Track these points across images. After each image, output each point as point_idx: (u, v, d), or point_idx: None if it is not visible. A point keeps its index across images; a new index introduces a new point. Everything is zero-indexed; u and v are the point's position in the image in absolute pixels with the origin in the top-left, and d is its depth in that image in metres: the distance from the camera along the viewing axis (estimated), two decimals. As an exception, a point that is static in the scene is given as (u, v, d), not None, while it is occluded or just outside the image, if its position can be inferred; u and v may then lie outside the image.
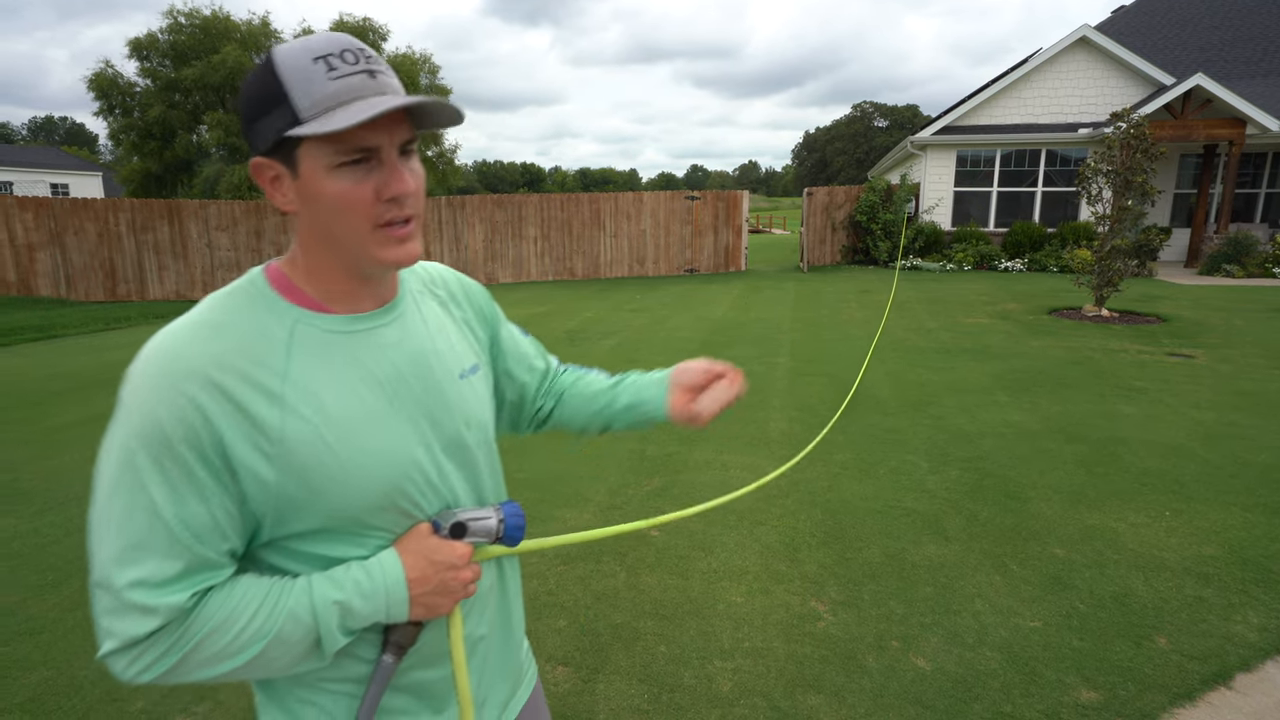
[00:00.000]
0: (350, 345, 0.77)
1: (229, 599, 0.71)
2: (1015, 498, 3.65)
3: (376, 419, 0.77)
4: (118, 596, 0.67)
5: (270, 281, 0.77)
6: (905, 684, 2.29)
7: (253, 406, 0.70)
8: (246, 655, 0.71)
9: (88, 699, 2.30)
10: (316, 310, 0.77)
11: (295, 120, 0.68)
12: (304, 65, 0.69)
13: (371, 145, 0.71)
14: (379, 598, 0.75)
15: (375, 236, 0.74)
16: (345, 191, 0.71)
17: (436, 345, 0.86)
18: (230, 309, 0.75)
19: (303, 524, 0.74)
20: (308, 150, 0.70)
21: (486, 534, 0.84)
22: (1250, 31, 17.02)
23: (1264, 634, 2.50)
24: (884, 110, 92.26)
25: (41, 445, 4.89)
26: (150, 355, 0.71)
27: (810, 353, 7.17)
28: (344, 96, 0.69)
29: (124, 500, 0.68)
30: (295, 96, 0.68)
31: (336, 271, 0.77)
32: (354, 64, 0.70)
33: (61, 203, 13.23)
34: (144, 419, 0.68)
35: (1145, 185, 8.56)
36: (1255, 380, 5.76)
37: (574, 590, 2.89)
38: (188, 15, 23.40)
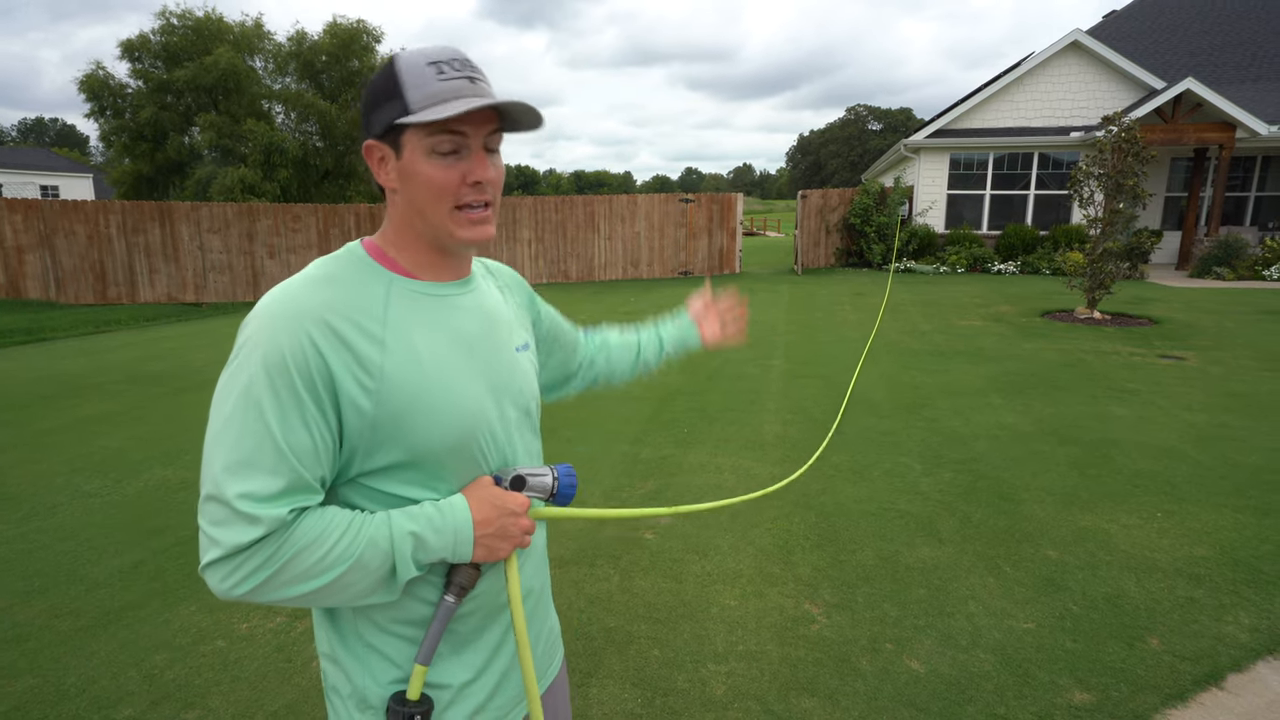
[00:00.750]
0: (435, 307, 0.89)
1: (320, 520, 0.79)
2: (1008, 500, 3.66)
3: (457, 370, 0.88)
4: (228, 506, 0.75)
5: (368, 251, 0.90)
6: (899, 686, 2.28)
7: (359, 346, 0.81)
8: (330, 575, 0.78)
9: (74, 707, 2.27)
10: (407, 276, 0.89)
11: (405, 111, 0.81)
12: (419, 67, 0.82)
13: (463, 133, 0.83)
14: (448, 534, 0.84)
15: (455, 216, 0.86)
16: (437, 174, 0.84)
17: (500, 321, 0.98)
18: (338, 268, 0.86)
19: (388, 458, 0.83)
20: (411, 137, 0.83)
21: (543, 490, 0.92)
22: (1239, 37, 17.17)
23: (1255, 634, 2.51)
24: (878, 113, 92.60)
25: (28, 449, 4.84)
26: (272, 301, 0.81)
27: (804, 355, 7.18)
28: (447, 95, 0.82)
29: (240, 422, 0.77)
30: (408, 91, 0.82)
31: (422, 244, 0.90)
32: (460, 71, 0.84)
33: (51, 205, 13.14)
34: (267, 352, 0.78)
35: (1136, 188, 8.61)
36: (1246, 382, 5.80)
37: (567, 594, 2.88)
38: (180, 16, 23.28)
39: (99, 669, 2.46)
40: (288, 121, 25.09)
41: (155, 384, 6.70)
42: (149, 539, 3.44)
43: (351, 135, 24.47)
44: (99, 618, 2.78)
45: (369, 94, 0.86)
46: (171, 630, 2.68)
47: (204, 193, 21.76)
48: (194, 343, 9.19)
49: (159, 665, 2.47)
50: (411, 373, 0.83)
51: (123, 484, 4.18)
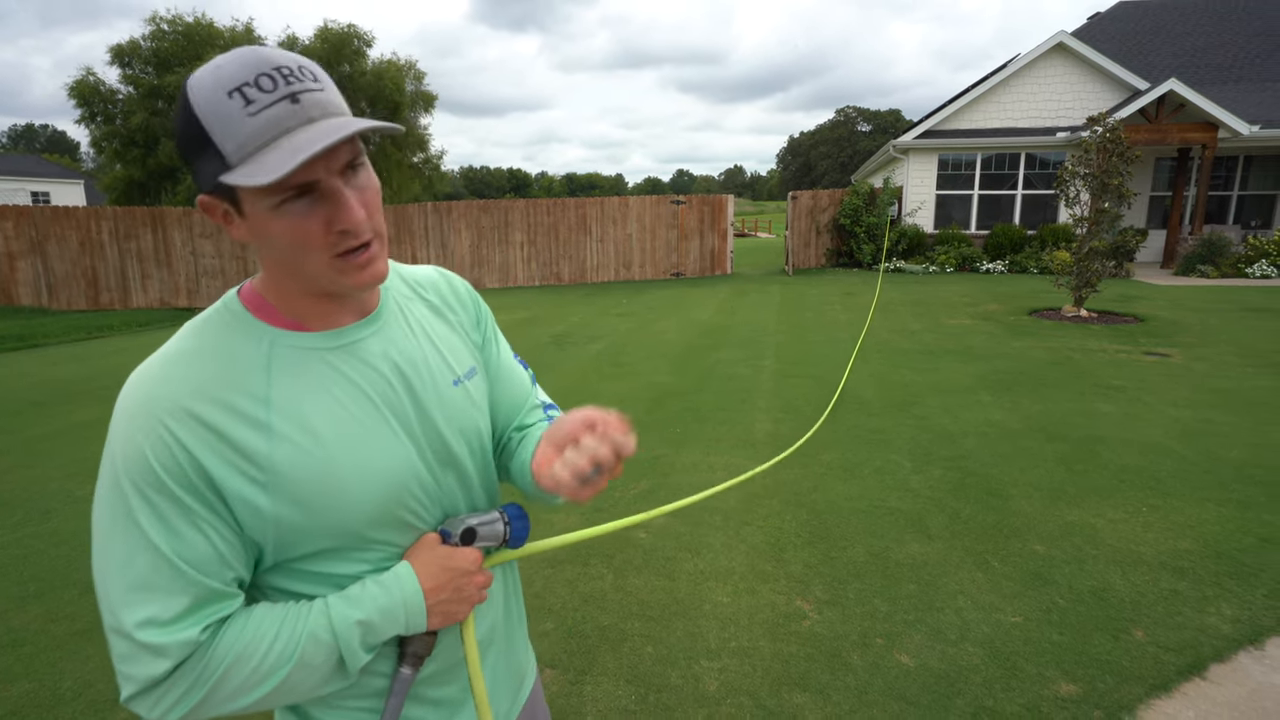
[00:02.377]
0: (332, 361, 0.76)
1: (245, 628, 0.70)
2: (997, 496, 3.71)
3: (368, 434, 0.75)
4: (129, 639, 0.66)
5: (245, 304, 0.76)
6: (889, 680, 2.32)
7: (236, 435, 0.69)
8: (271, 683, 0.70)
9: (70, 711, 2.28)
10: (293, 329, 0.75)
11: (223, 166, 0.65)
12: (219, 102, 0.64)
13: (309, 180, 0.67)
14: (398, 611, 0.75)
15: (336, 265, 0.71)
16: (293, 228, 0.68)
17: (425, 353, 0.84)
18: (205, 335, 0.73)
19: (306, 547, 0.73)
20: (247, 192, 0.67)
21: (494, 538, 0.84)
22: (1221, 38, 17.37)
23: (1237, 625, 2.56)
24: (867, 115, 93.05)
25: (22, 455, 4.83)
26: (128, 392, 0.70)
27: (795, 355, 7.23)
28: (268, 134, 0.65)
29: (121, 542, 0.67)
30: (218, 140, 0.65)
31: (306, 295, 0.75)
32: (272, 90, 0.65)
33: (43, 211, 13.07)
34: (127, 458, 0.67)
35: (1121, 188, 8.71)
36: (1229, 378, 5.88)
37: (561, 593, 2.91)
38: (170, 22, 23.19)
39: (95, 673, 2.47)
40: (279, 126, 24.94)
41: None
42: (144, 544, 3.44)
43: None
44: (94, 622, 2.78)
45: (178, 138, 0.68)
46: (168, 634, 2.69)
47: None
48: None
49: (156, 669, 2.48)
50: (308, 456, 0.71)
51: (116, 490, 4.17)
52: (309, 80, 0.68)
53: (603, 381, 6.40)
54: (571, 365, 7.08)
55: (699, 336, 8.44)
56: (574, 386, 6.23)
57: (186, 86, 0.66)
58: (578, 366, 7.02)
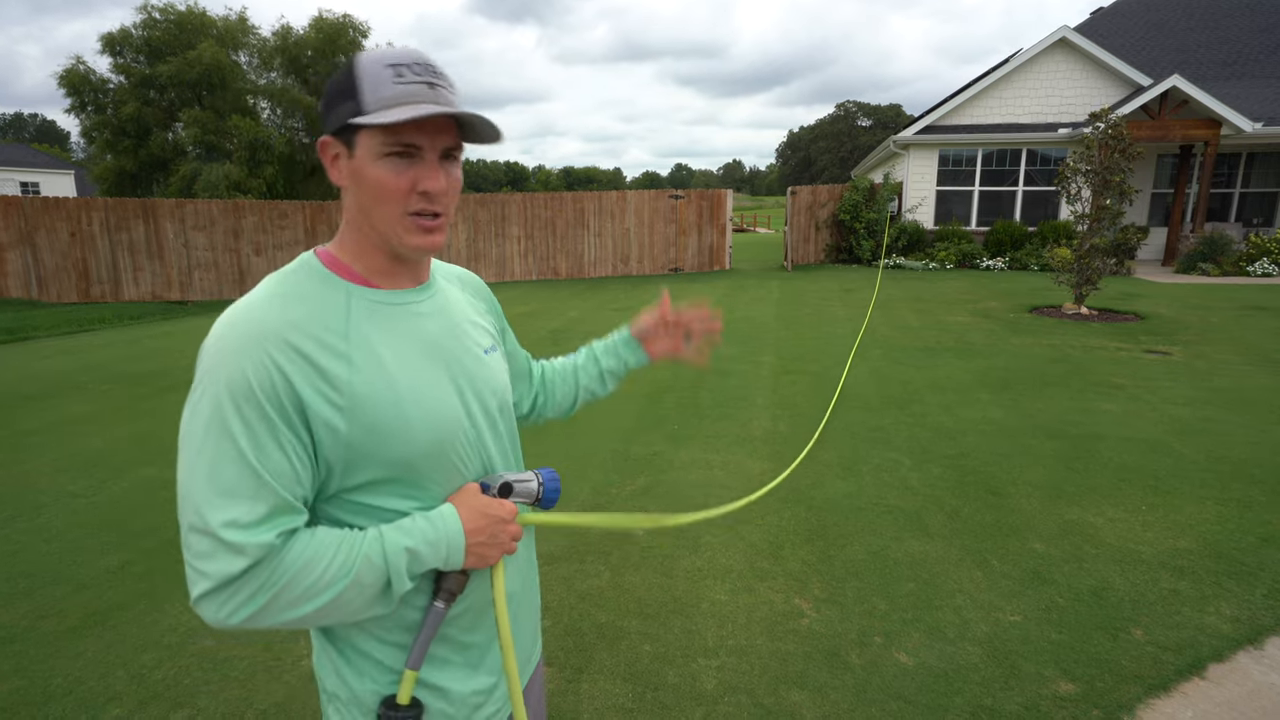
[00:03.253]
0: (396, 315, 0.88)
1: (312, 541, 0.78)
2: (996, 494, 3.69)
3: (427, 378, 0.87)
4: (213, 537, 0.74)
5: (323, 262, 0.88)
6: (887, 679, 2.30)
7: (324, 364, 0.80)
8: (328, 595, 0.78)
9: (61, 708, 2.25)
10: (365, 284, 0.88)
11: (359, 111, 0.81)
12: (377, 69, 0.81)
13: (415, 143, 0.82)
14: (441, 545, 0.84)
15: (404, 222, 0.85)
16: (385, 178, 0.82)
17: (464, 324, 0.97)
18: (294, 283, 0.85)
19: (366, 474, 0.83)
20: (365, 138, 0.82)
21: (528, 496, 0.93)
22: (1225, 34, 17.33)
23: (1236, 625, 2.55)
24: (867, 109, 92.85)
25: (12, 450, 4.79)
26: (231, 322, 0.80)
27: (794, 351, 7.20)
28: (402, 99, 0.80)
29: (213, 450, 0.76)
30: (364, 92, 0.81)
31: (376, 250, 0.88)
32: (419, 75, 0.82)
33: (32, 202, 12.96)
34: (230, 377, 0.76)
35: (1123, 185, 8.68)
36: (1230, 377, 5.87)
37: (558, 590, 2.88)
38: (162, 10, 22.97)
39: (86, 670, 2.44)
40: (273, 117, 24.86)
41: (140, 383, 6.64)
42: (135, 539, 3.41)
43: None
44: (85, 618, 2.75)
45: (328, 91, 0.85)
46: (159, 630, 2.66)
47: (189, 189, 21.49)
48: (179, 341, 9.10)
49: (147, 665, 2.46)
50: (381, 387, 0.83)
51: (108, 484, 4.14)
52: (449, 85, 0.85)
53: (600, 376, 6.36)
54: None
55: (697, 331, 8.40)
56: (571, 381, 6.19)
57: (356, 54, 0.85)
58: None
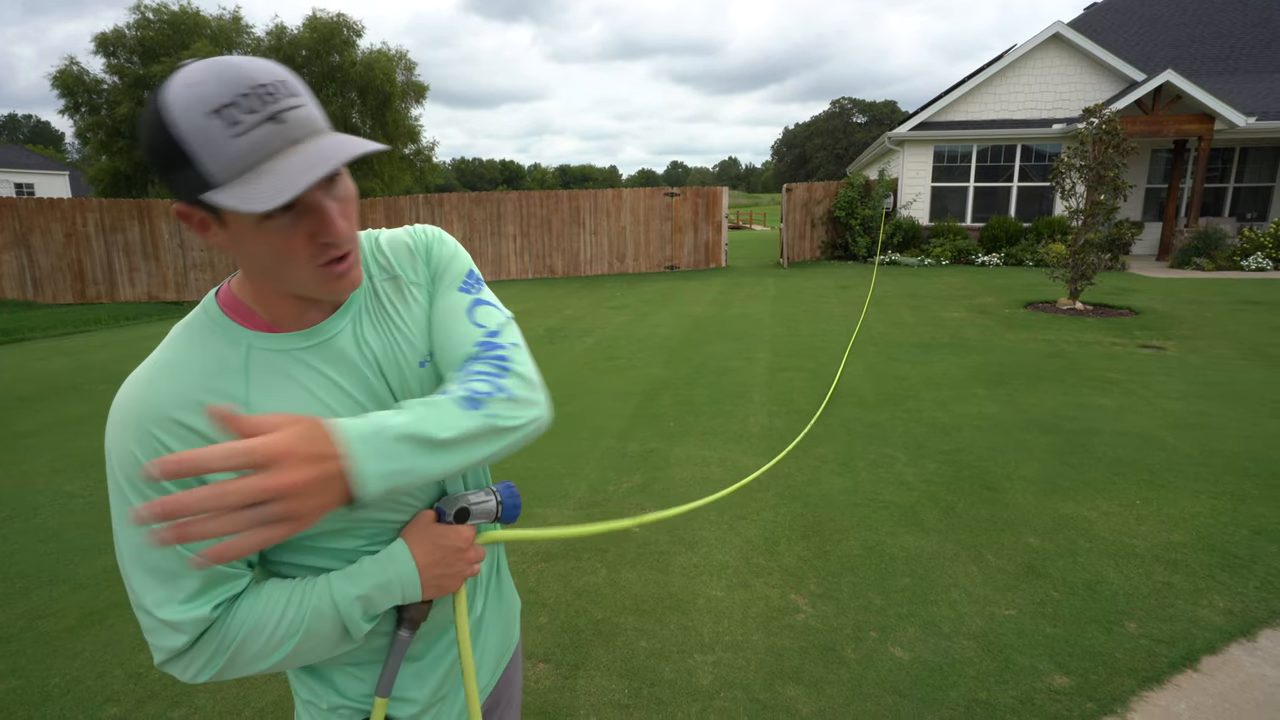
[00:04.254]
0: (306, 360, 0.81)
1: (255, 604, 0.77)
2: (991, 489, 3.71)
3: None
4: (150, 616, 0.74)
5: (223, 307, 0.80)
6: (883, 673, 2.32)
7: (219, 437, 0.71)
8: (285, 650, 0.77)
9: (59, 708, 2.25)
10: (269, 331, 0.80)
11: (207, 183, 0.66)
12: (201, 124, 0.64)
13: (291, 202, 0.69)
14: (394, 586, 0.81)
15: (318, 275, 0.75)
16: (278, 242, 0.71)
17: (394, 338, 0.87)
18: (186, 345, 0.78)
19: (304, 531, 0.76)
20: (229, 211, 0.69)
21: (487, 515, 0.89)
22: (1218, 29, 17.37)
23: (1229, 617, 2.56)
24: (862, 106, 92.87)
25: (8, 451, 4.78)
26: (119, 404, 0.76)
27: (790, 348, 7.21)
28: (254, 156, 0.66)
29: (131, 534, 0.74)
30: (202, 160, 0.65)
31: (282, 298, 0.80)
32: (257, 111, 0.65)
33: (27, 203, 12.92)
34: (123, 459, 0.74)
35: (1117, 180, 8.70)
36: (1224, 371, 5.90)
37: (554, 587, 2.89)
38: (156, 10, 22.90)
39: (83, 669, 2.44)
40: (269, 117, 24.74)
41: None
42: (132, 539, 3.41)
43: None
44: (82, 618, 2.76)
45: (150, 154, 0.68)
46: (156, 630, 2.66)
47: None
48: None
49: (144, 664, 2.46)
50: None
51: (104, 485, 4.11)
52: (288, 96, 0.68)
53: (596, 375, 6.38)
54: (565, 359, 7.05)
55: (693, 330, 8.42)
56: (567, 380, 6.20)
57: (159, 103, 0.65)
58: (571, 360, 6.99)
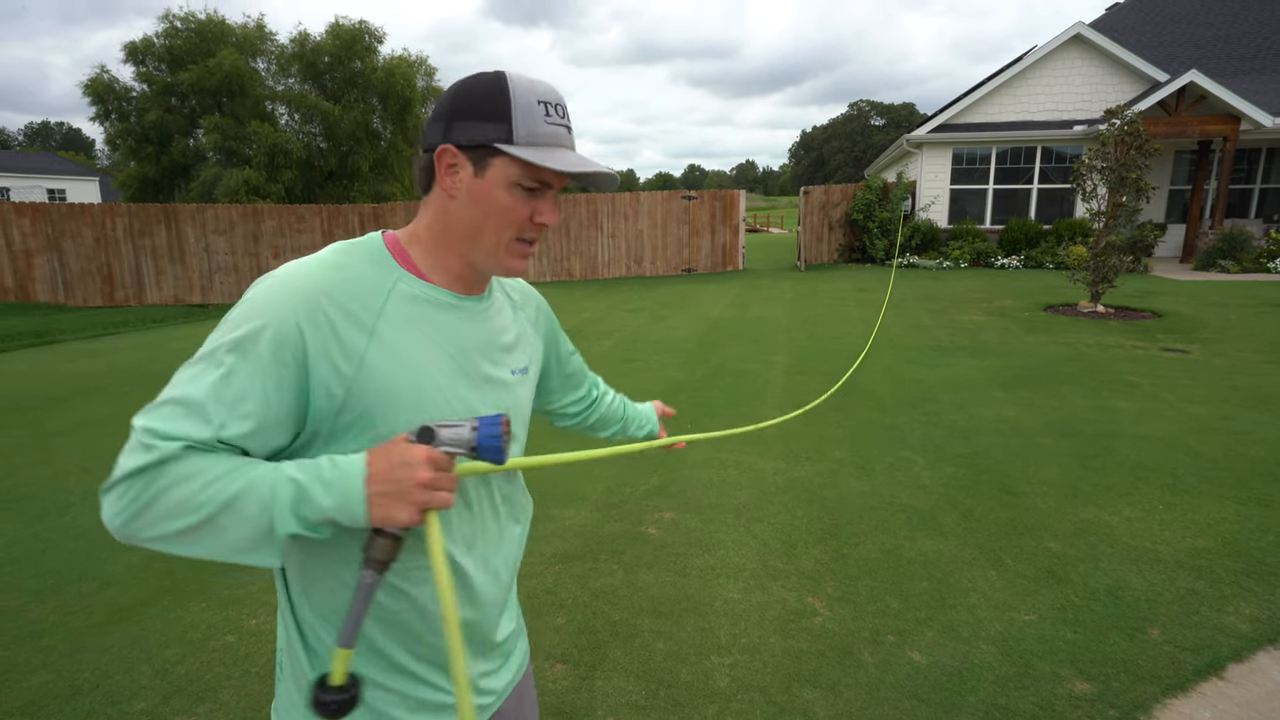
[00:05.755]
0: (435, 313, 0.90)
1: (204, 458, 0.76)
2: (1010, 493, 3.67)
3: (438, 375, 0.88)
4: (138, 432, 0.76)
5: (386, 245, 0.91)
6: (900, 678, 2.31)
7: (346, 333, 0.82)
8: (199, 515, 0.73)
9: (88, 702, 2.31)
10: (419, 277, 0.90)
11: (509, 138, 0.84)
12: (530, 102, 0.85)
13: (548, 183, 0.88)
14: (336, 486, 0.77)
15: (510, 247, 0.90)
16: (513, 206, 0.87)
17: (502, 341, 1.00)
18: (351, 255, 0.88)
19: (351, 444, 0.84)
20: (503, 164, 0.85)
21: (459, 443, 0.81)
22: (1243, 28, 17.07)
23: (1256, 625, 2.52)
24: (880, 109, 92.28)
25: (40, 450, 4.90)
26: (278, 274, 0.84)
27: (807, 351, 7.19)
28: (548, 139, 0.86)
29: (199, 368, 0.80)
30: (516, 122, 0.84)
31: (453, 254, 0.92)
32: (561, 118, 0.88)
33: (58, 208, 13.23)
34: (253, 317, 0.80)
35: (1140, 182, 8.58)
36: (1249, 375, 5.79)
37: (572, 588, 2.91)
38: (184, 19, 23.40)
39: (112, 665, 2.50)
40: (291, 123, 25.20)
41: (163, 385, 6.73)
42: (159, 537, 3.48)
43: (355, 136, 24.51)
44: (111, 615, 2.82)
45: (464, 101, 0.86)
46: (182, 626, 2.72)
47: (209, 195, 21.85)
48: (201, 343, 9.21)
49: (170, 660, 2.51)
50: (389, 366, 0.84)
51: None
52: (571, 123, 0.92)
53: (614, 377, 6.38)
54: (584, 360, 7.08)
55: (710, 332, 8.42)
56: (584, 382, 6.22)
57: (507, 75, 0.86)
58: (589, 362, 6.95)
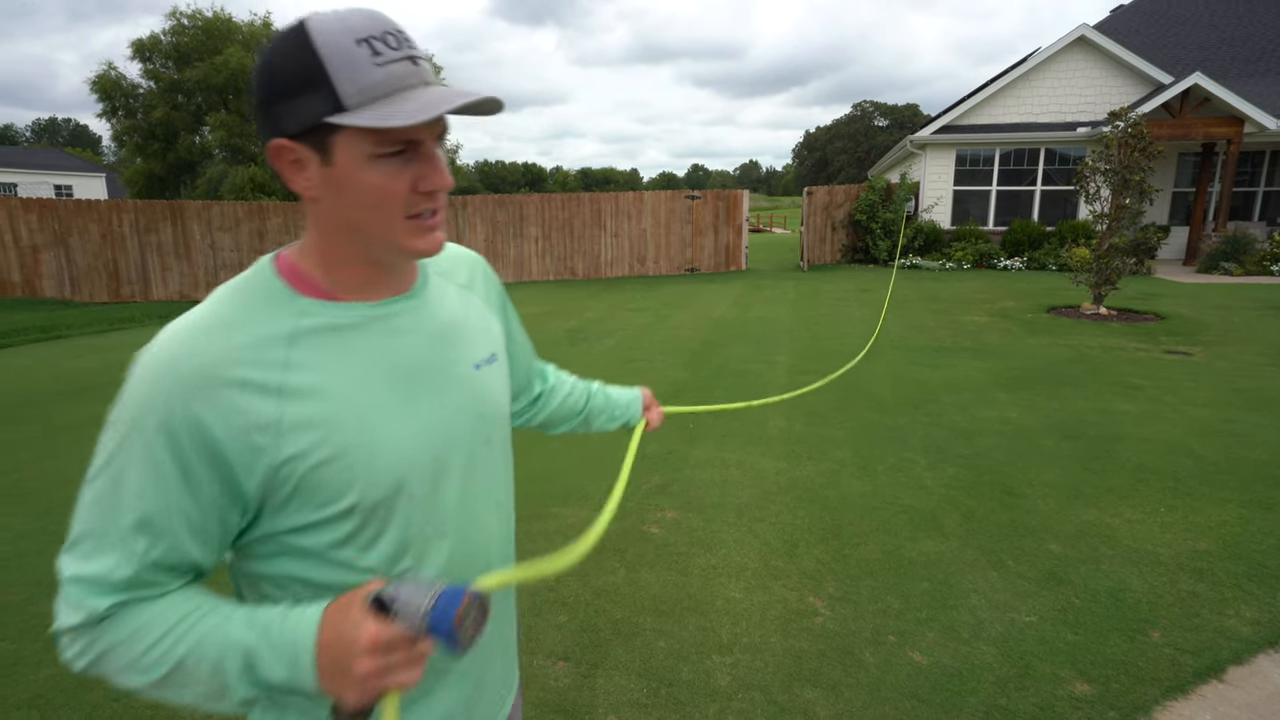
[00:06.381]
0: (361, 336, 0.75)
1: (138, 613, 0.67)
2: (1012, 494, 3.68)
3: (382, 408, 0.74)
4: (63, 584, 0.68)
5: (279, 272, 0.75)
6: (901, 678, 2.32)
7: (248, 405, 0.67)
8: (153, 675, 0.67)
9: (94, 696, 2.33)
10: (326, 299, 0.74)
11: (338, 107, 0.65)
12: (346, 47, 0.65)
13: (416, 139, 0.69)
14: (284, 653, 0.65)
15: (406, 226, 0.72)
16: (383, 183, 0.69)
17: (452, 336, 0.84)
18: (240, 303, 0.72)
19: (297, 518, 0.71)
20: (346, 139, 0.67)
21: (408, 618, 0.65)
22: (1248, 30, 17.03)
23: (1256, 628, 2.53)
24: (884, 109, 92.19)
25: (46, 445, 4.93)
26: (155, 352, 0.69)
27: (810, 351, 7.20)
28: (390, 86, 0.66)
29: (98, 490, 0.67)
30: (339, 81, 0.65)
31: (355, 260, 0.75)
32: (397, 49, 0.67)
33: (65, 204, 13.28)
34: (138, 417, 0.66)
35: (1143, 184, 8.58)
36: (1252, 377, 5.79)
37: (574, 586, 2.93)
38: (190, 16, 23.48)
39: (119, 658, 2.52)
40: (296, 120, 25.25)
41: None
42: (164, 533, 3.50)
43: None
44: (117, 609, 2.84)
45: (271, 79, 0.67)
46: (188, 621, 2.74)
47: (215, 191, 21.94)
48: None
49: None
50: (318, 422, 0.69)
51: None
52: (418, 49, 0.71)
53: (616, 377, 6.41)
54: (585, 360, 7.10)
55: (713, 332, 8.43)
56: (587, 381, 6.24)
57: (301, 27, 0.66)
58: (591, 362, 7.04)
